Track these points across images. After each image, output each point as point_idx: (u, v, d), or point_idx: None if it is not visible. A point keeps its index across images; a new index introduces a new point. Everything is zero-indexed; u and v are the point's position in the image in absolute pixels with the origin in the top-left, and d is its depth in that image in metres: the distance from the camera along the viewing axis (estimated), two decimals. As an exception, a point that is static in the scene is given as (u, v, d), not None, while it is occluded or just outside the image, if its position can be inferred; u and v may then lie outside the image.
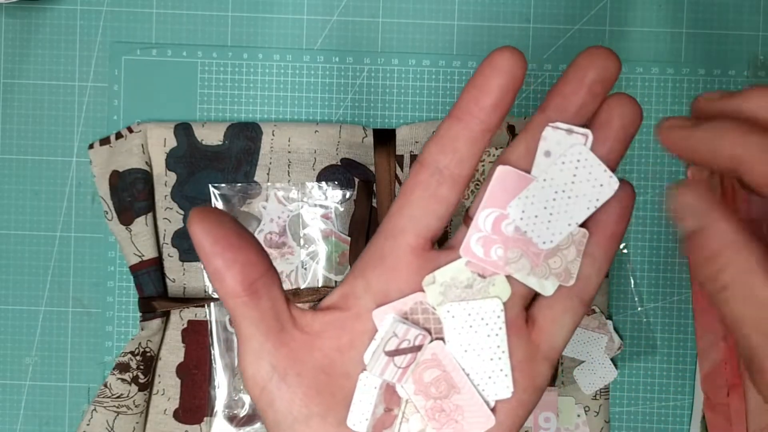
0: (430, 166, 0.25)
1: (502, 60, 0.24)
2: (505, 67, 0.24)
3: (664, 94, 0.46)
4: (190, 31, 0.46)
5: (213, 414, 0.46)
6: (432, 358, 0.25)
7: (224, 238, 0.24)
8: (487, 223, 0.25)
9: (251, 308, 0.25)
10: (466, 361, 0.25)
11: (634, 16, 0.46)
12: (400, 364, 0.25)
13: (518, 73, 0.24)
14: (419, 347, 0.25)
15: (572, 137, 0.24)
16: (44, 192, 0.47)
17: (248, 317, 0.25)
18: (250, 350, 0.25)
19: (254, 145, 0.45)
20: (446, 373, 0.25)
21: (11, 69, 0.47)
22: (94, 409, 0.44)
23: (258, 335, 0.25)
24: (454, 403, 0.25)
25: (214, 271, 0.25)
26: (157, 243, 0.45)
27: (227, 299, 0.25)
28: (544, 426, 0.45)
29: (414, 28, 0.46)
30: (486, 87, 0.24)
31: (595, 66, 0.24)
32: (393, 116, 0.46)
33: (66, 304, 0.47)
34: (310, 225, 0.46)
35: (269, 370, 0.25)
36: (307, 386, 0.25)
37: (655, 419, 0.46)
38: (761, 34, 0.46)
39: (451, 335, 0.25)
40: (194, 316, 0.46)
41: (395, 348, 0.25)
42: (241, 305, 0.25)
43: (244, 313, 0.25)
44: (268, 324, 0.25)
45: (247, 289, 0.25)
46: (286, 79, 0.46)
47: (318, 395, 0.25)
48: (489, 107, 0.24)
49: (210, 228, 0.24)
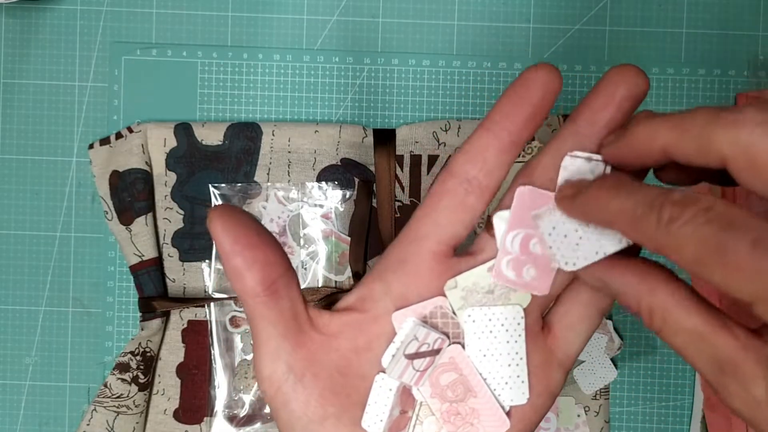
0: (459, 176, 0.25)
1: (538, 76, 0.24)
2: (541, 84, 0.24)
3: (664, 94, 0.46)
4: (190, 31, 0.46)
5: (213, 414, 0.46)
6: (449, 362, 0.25)
7: (244, 236, 0.24)
8: (514, 244, 0.25)
9: (270, 308, 0.25)
10: (483, 365, 0.26)
11: (634, 16, 0.46)
12: (418, 367, 0.25)
13: (553, 89, 0.24)
14: (438, 351, 0.25)
15: (592, 164, 0.24)
16: (44, 192, 0.47)
17: (267, 317, 0.25)
18: (267, 350, 0.25)
19: (254, 145, 0.45)
20: (463, 376, 0.25)
21: (11, 69, 0.47)
22: (94, 409, 0.44)
23: (276, 335, 0.25)
24: (470, 406, 0.25)
25: (233, 270, 0.24)
26: (157, 243, 0.46)
27: (246, 299, 0.25)
28: (544, 426, 0.45)
29: (414, 28, 0.46)
30: (519, 102, 0.24)
31: (626, 83, 0.24)
32: (393, 116, 0.46)
33: (66, 304, 0.47)
34: (310, 225, 0.45)
35: (285, 371, 0.25)
36: (323, 387, 0.25)
37: (655, 419, 0.46)
38: (761, 34, 0.46)
39: (471, 339, 0.25)
40: (194, 316, 0.46)
41: (415, 351, 0.25)
42: (260, 305, 0.25)
43: (262, 312, 0.25)
44: (286, 324, 0.25)
45: (267, 289, 0.25)
46: (286, 79, 0.46)
47: (334, 396, 0.25)
48: (521, 122, 0.25)
49: (230, 226, 0.24)
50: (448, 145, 0.45)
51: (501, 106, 0.25)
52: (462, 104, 0.46)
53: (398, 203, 0.46)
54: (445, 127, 0.45)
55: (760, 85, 0.46)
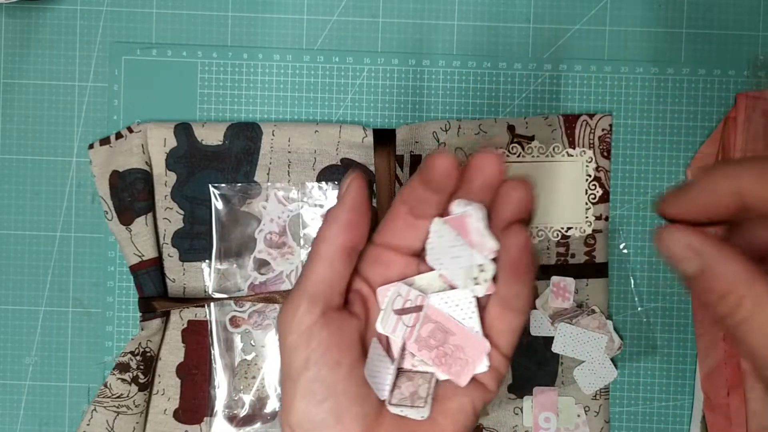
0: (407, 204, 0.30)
1: (435, 163, 0.28)
2: (438, 170, 0.28)
3: (664, 94, 0.46)
4: (190, 31, 0.46)
5: (213, 414, 0.46)
6: (425, 316, 0.30)
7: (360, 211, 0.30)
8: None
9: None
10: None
11: (634, 16, 0.46)
12: (407, 322, 0.30)
13: (449, 173, 0.28)
14: (421, 307, 0.30)
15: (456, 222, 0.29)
16: (44, 192, 0.47)
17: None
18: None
19: (254, 145, 0.45)
20: (439, 323, 0.29)
21: (11, 69, 0.47)
22: (94, 409, 0.44)
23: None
24: (452, 344, 0.29)
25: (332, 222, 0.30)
26: (157, 243, 0.46)
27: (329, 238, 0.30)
28: (544, 426, 0.45)
29: (414, 28, 0.46)
30: (424, 183, 0.29)
31: (485, 171, 0.29)
32: (393, 116, 0.46)
33: (66, 304, 0.47)
34: (310, 225, 0.46)
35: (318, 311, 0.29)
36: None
37: (655, 419, 0.46)
38: (761, 34, 0.46)
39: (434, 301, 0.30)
40: (194, 316, 0.46)
41: (402, 307, 0.30)
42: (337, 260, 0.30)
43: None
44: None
45: (350, 251, 0.30)
46: (286, 79, 0.46)
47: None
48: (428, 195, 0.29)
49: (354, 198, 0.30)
50: (448, 145, 0.45)
51: (409, 186, 0.30)
52: (462, 104, 0.46)
53: (398, 203, 0.46)
54: (445, 127, 0.45)
55: (760, 85, 0.46)
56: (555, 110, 0.46)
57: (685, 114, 0.46)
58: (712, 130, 0.46)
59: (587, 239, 0.46)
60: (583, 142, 0.45)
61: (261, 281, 0.46)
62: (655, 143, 0.46)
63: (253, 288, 0.46)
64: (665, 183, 0.46)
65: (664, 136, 0.46)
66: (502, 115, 0.46)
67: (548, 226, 0.46)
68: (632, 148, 0.46)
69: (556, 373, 0.46)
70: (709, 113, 0.46)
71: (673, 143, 0.46)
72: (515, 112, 0.46)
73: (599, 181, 0.46)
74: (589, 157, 0.45)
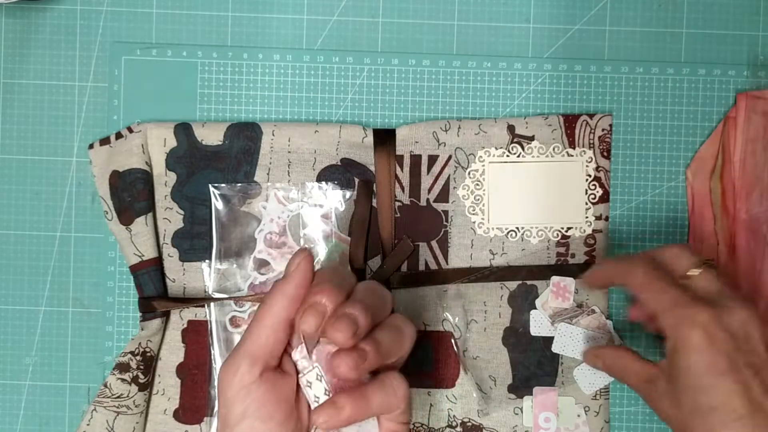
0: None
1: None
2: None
3: (664, 94, 0.46)
4: (190, 31, 0.46)
5: (213, 414, 0.46)
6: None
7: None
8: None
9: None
10: None
11: (634, 16, 0.46)
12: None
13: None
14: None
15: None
16: (44, 192, 0.47)
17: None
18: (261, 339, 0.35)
19: (254, 145, 0.45)
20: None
21: (11, 69, 0.47)
22: (94, 409, 0.44)
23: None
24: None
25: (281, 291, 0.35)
26: (157, 243, 0.45)
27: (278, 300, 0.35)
28: (544, 426, 0.45)
29: (414, 28, 0.46)
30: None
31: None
32: (393, 116, 0.46)
33: (66, 304, 0.47)
34: (310, 225, 0.46)
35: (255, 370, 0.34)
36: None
37: (655, 419, 0.46)
38: (761, 34, 0.46)
39: None
40: (194, 316, 0.46)
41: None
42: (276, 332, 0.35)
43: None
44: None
45: (292, 322, 0.35)
46: (286, 79, 0.46)
47: None
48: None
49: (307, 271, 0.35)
50: (448, 145, 0.45)
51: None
52: (462, 104, 0.46)
53: (398, 203, 0.46)
54: (445, 127, 0.45)
55: (760, 85, 0.46)
56: (555, 110, 0.46)
57: (685, 114, 0.46)
58: (712, 130, 0.46)
59: (587, 239, 0.46)
60: (583, 142, 0.45)
61: (261, 281, 0.46)
62: (655, 143, 0.46)
63: (253, 288, 0.46)
64: (665, 183, 0.46)
65: (664, 136, 0.46)
66: (502, 115, 0.46)
67: (548, 226, 0.46)
68: (632, 148, 0.46)
69: (556, 373, 0.46)
70: (709, 113, 0.46)
71: (673, 143, 0.46)
72: (515, 112, 0.46)
73: (599, 181, 0.46)
74: (589, 157, 0.45)
